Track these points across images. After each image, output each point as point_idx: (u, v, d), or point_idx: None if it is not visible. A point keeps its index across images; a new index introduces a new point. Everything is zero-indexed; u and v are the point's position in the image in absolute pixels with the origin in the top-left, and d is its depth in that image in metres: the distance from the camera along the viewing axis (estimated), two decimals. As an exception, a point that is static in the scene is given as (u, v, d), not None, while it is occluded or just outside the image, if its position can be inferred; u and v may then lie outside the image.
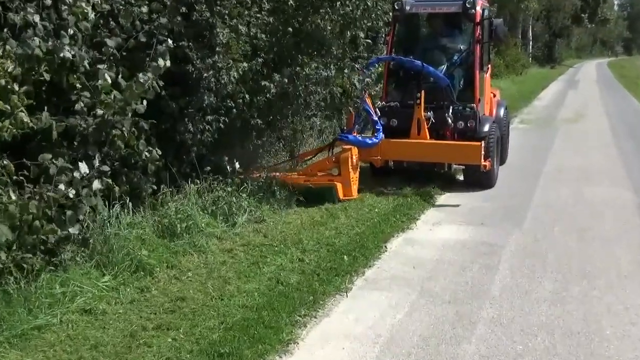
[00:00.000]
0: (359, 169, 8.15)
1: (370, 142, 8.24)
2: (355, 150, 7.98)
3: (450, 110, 8.63)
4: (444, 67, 8.94)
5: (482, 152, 8.09)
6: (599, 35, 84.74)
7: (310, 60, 7.24)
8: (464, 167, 8.87)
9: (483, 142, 8.26)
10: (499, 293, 5.23)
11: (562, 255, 6.15)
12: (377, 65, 9.58)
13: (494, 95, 10.23)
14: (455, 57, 9.18)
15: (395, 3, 8.91)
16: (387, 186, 8.57)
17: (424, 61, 8.57)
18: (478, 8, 8.83)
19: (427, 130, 8.49)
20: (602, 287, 5.35)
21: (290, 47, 7.33)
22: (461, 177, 9.22)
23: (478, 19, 8.84)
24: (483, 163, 8.16)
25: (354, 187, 7.96)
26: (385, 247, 6.33)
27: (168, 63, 5.45)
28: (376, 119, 8.44)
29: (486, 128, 8.72)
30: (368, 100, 8.43)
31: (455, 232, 6.88)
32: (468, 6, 8.69)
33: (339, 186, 7.72)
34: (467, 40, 9.26)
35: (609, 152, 11.76)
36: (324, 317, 4.79)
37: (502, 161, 9.94)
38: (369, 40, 8.73)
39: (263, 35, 6.97)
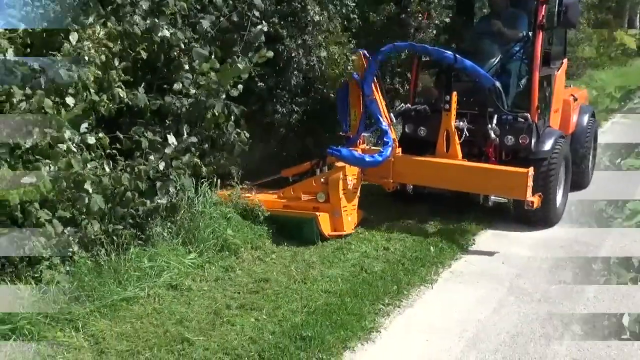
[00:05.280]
0: (357, 195, 6.04)
1: (369, 159, 5.90)
2: (352, 170, 5.92)
3: (495, 121, 6.33)
4: (495, 60, 6.67)
5: (529, 183, 5.89)
6: None
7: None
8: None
9: (532, 168, 5.95)
10: (593, 294, 4.94)
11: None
12: (391, 53, 7.04)
13: (575, 99, 7.64)
14: (513, 48, 6.76)
15: None
16: (407, 218, 6.51)
17: (471, 52, 6.38)
18: None
19: (458, 145, 6.28)
20: None
21: (379, 31, 7.12)
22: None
23: None
24: (529, 198, 5.90)
25: (349, 218, 5.90)
26: (474, 240, 6.11)
27: (270, 54, 5.46)
28: (386, 127, 6.19)
29: (547, 146, 6.35)
30: (377, 98, 6.24)
31: (547, 230, 6.49)
32: None
33: (324, 218, 5.71)
34: (531, 25, 6.73)
35: None
36: (407, 308, 4.69)
37: (580, 186, 7.60)
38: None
39: (355, 16, 6.79)
